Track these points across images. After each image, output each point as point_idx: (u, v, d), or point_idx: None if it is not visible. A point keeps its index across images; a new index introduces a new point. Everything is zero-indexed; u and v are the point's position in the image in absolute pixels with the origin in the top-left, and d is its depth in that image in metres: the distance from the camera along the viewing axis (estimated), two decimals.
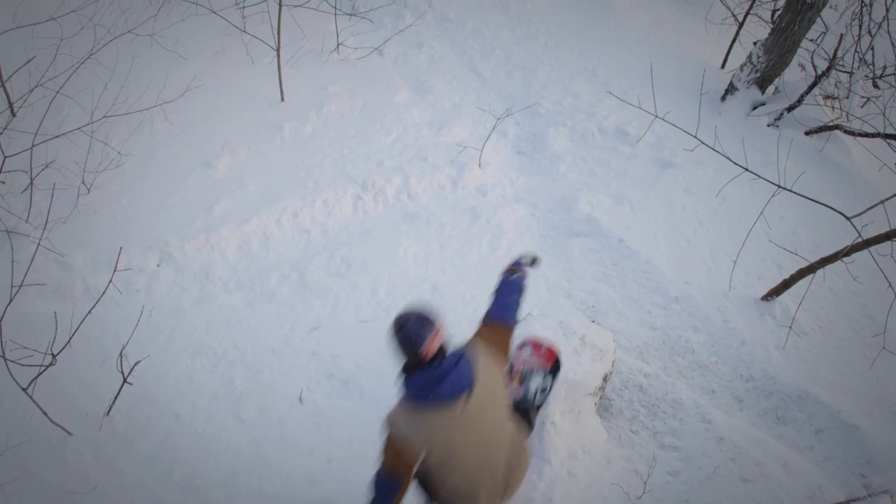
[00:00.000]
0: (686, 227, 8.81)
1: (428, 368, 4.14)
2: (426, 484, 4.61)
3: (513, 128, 10.21)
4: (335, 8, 10.74)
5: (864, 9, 10.22)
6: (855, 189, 9.33)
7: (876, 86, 10.86)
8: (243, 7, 10.25)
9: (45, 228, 7.67)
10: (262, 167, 9.24)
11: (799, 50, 10.34)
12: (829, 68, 9.97)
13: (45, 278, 7.71)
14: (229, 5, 10.46)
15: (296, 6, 10.31)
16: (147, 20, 10.43)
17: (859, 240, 6.68)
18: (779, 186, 6.68)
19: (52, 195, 7.94)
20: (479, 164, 9.51)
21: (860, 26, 10.24)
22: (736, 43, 11.52)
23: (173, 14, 10.83)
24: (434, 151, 9.65)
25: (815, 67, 10.43)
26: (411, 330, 4.13)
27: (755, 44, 10.46)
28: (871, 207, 6.54)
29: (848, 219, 6.37)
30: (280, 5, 9.57)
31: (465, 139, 9.86)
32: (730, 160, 6.73)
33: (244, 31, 10.25)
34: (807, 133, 10.05)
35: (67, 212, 8.36)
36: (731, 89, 10.65)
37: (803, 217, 8.83)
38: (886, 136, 9.18)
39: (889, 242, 6.76)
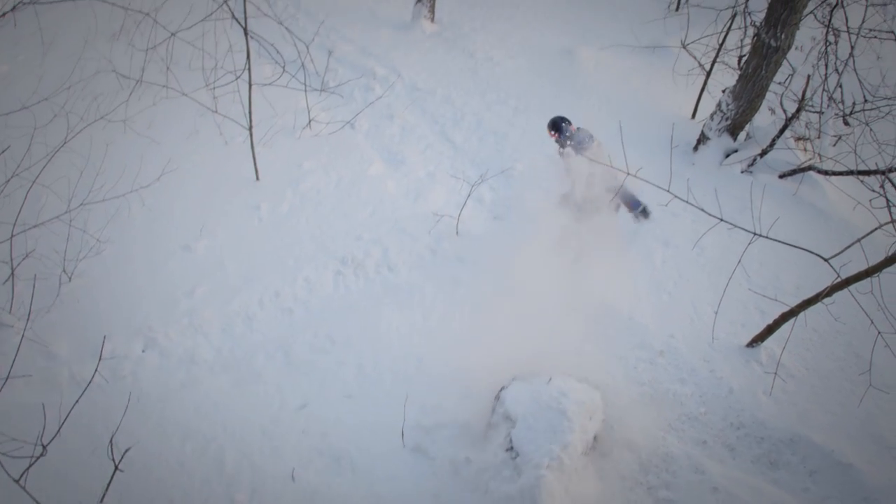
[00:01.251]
0: (667, 281, 9.18)
1: (576, 135, 8.67)
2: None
3: (488, 193, 10.55)
4: (305, 84, 11.05)
5: (830, 47, 10.57)
6: (832, 228, 9.73)
7: (846, 123, 11.18)
8: (214, 88, 10.57)
9: (28, 319, 7.88)
10: (241, 248, 9.57)
11: (768, 94, 10.64)
12: (798, 110, 10.28)
13: (32, 369, 7.95)
14: (200, 87, 10.81)
15: (265, 84, 10.63)
16: (119, 105, 10.77)
17: (839, 280, 7.01)
18: (755, 234, 7.00)
19: (34, 285, 8.17)
20: (457, 232, 9.87)
21: (826, 65, 10.57)
22: (704, 92, 11.89)
23: (144, 98, 11.15)
24: (411, 222, 10.03)
25: (784, 110, 10.73)
26: (561, 120, 8.87)
27: (724, 91, 10.79)
28: (848, 247, 6.88)
29: (826, 260, 6.74)
30: (250, 84, 9.90)
31: (442, 208, 10.22)
32: (704, 212, 7.06)
33: (216, 112, 10.59)
34: (780, 176, 10.42)
35: (50, 301, 8.62)
36: (702, 139, 11.00)
37: (783, 261, 9.20)
38: (859, 173, 9.53)
39: (868, 280, 7.07)
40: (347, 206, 10.32)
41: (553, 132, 8.93)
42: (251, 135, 10.24)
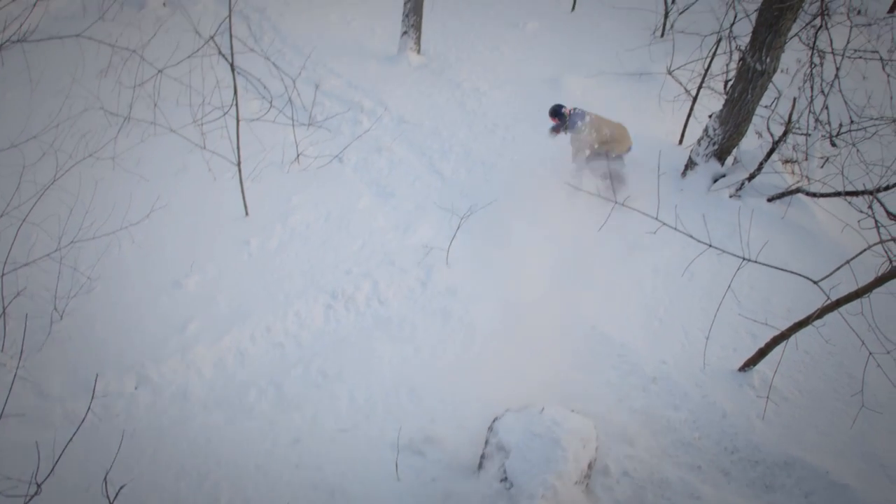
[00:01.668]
0: (658, 307, 9.36)
1: (571, 116, 10.59)
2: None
3: (477, 224, 10.64)
4: (292, 119, 11.26)
5: (815, 69, 10.66)
6: (821, 250, 9.88)
7: (834, 144, 11.29)
8: (202, 124, 10.62)
9: (20, 357, 7.98)
10: (231, 283, 9.71)
11: (754, 118, 10.77)
12: (785, 133, 10.39)
13: (25, 407, 8.05)
14: (188, 123, 10.89)
15: (253, 120, 10.79)
16: (107, 143, 10.87)
17: (829, 302, 7.15)
18: (744, 259, 7.16)
19: (26, 323, 8.31)
20: (447, 264, 10.03)
21: (812, 87, 10.67)
22: (691, 118, 12.04)
23: (133, 135, 11.27)
24: (401, 255, 10.19)
25: (771, 134, 10.83)
26: (558, 106, 10.69)
27: (710, 116, 10.95)
28: (837, 269, 7.05)
29: (815, 283, 6.91)
30: (238, 120, 10.05)
31: (431, 240, 10.40)
32: (693, 238, 7.24)
33: (204, 148, 10.68)
34: (769, 200, 10.56)
35: (42, 339, 8.73)
36: (690, 164, 11.16)
37: (773, 284, 9.37)
38: (847, 194, 9.65)
39: (858, 301, 7.20)
40: (337, 240, 10.49)
41: (554, 118, 10.85)
42: (240, 170, 10.39)
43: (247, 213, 10.70)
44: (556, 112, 10.79)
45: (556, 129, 11.00)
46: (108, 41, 9.67)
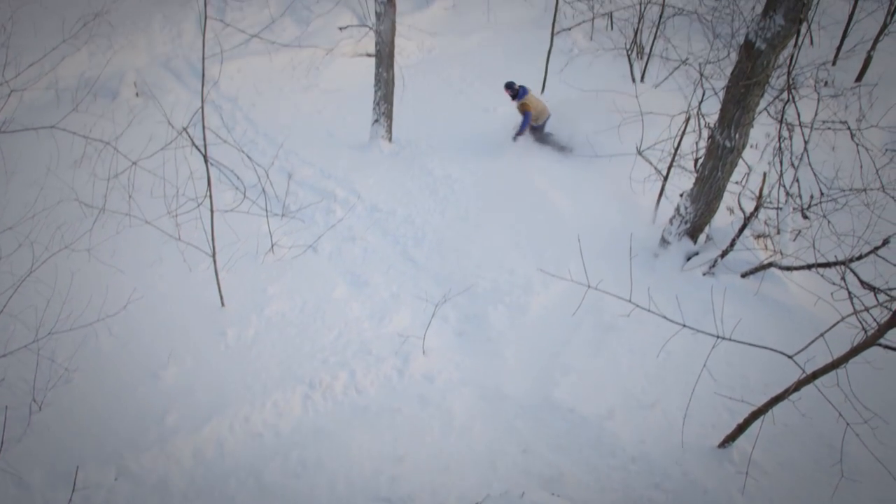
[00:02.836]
0: (635, 387, 9.79)
1: (521, 90, 14.82)
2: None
3: (452, 311, 11.21)
4: (266, 210, 11.70)
5: (784, 143, 11.16)
6: (796, 323, 10.38)
7: (805, 217, 11.80)
8: (176, 215, 10.98)
9: (0, 449, 8.28)
10: (209, 374, 10.06)
11: (725, 194, 11.20)
12: (756, 208, 10.88)
13: (5, 499, 8.31)
14: (162, 214, 11.20)
15: (227, 211, 11.12)
16: (83, 235, 11.17)
17: (805, 375, 7.53)
18: (718, 337, 7.56)
19: (5, 415, 8.57)
20: (423, 352, 10.46)
21: (781, 161, 11.17)
22: (662, 197, 12.57)
23: (108, 226, 11.61)
24: (377, 344, 10.63)
25: (742, 209, 11.32)
26: (511, 82, 14.94)
27: (681, 195, 11.45)
28: (811, 343, 7.44)
29: (790, 357, 7.30)
30: (212, 211, 10.48)
31: (407, 328, 10.85)
32: (666, 318, 7.65)
33: (179, 240, 11.02)
34: (742, 276, 11.03)
35: (21, 430, 9.00)
36: (663, 244, 11.65)
37: (749, 360, 9.82)
38: (819, 266, 10.13)
39: (834, 373, 7.57)
40: (313, 329, 10.91)
41: (507, 90, 14.90)
42: (214, 261, 10.79)
43: (223, 304, 11.12)
44: (510, 86, 14.82)
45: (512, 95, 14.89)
46: (81, 132, 9.99)
